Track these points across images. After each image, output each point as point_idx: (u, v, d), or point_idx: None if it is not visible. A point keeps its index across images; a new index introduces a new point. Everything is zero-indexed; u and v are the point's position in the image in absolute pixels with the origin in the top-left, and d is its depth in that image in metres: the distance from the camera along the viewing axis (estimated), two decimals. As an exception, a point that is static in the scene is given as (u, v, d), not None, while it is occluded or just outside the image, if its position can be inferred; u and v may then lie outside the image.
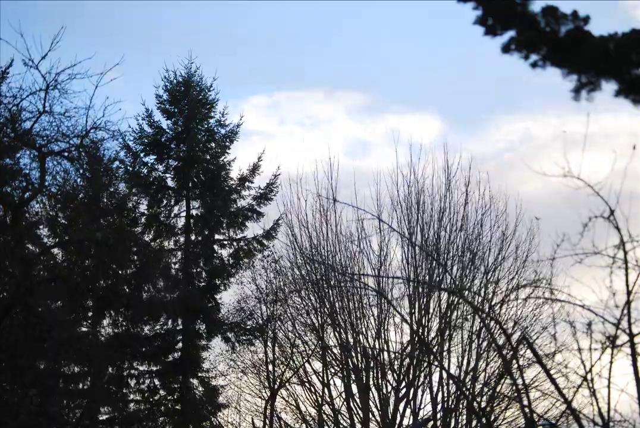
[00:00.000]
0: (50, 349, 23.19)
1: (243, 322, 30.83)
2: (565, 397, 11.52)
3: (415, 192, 26.25)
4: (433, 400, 24.80)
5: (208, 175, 32.10)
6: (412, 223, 25.99)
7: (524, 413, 12.52)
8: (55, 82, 24.36)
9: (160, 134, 32.49)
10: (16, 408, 22.51)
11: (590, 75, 7.14)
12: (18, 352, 22.30)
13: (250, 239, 31.74)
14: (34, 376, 23.26)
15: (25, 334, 22.68)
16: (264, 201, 32.27)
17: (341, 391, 26.47)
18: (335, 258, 26.74)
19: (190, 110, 32.50)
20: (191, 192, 32.22)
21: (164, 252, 31.16)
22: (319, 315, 26.87)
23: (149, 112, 32.48)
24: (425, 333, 25.51)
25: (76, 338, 25.51)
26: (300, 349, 27.85)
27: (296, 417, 28.05)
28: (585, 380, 11.10)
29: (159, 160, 32.39)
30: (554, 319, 11.64)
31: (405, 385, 25.59)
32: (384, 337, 25.89)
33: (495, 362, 24.59)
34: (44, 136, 25.06)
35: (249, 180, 32.37)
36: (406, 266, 25.80)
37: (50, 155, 25.38)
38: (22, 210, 25.16)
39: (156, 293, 29.70)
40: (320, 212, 27.12)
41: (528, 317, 24.89)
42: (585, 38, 7.20)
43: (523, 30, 7.13)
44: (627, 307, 10.70)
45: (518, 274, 25.63)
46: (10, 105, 24.39)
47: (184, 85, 32.84)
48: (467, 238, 25.95)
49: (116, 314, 28.94)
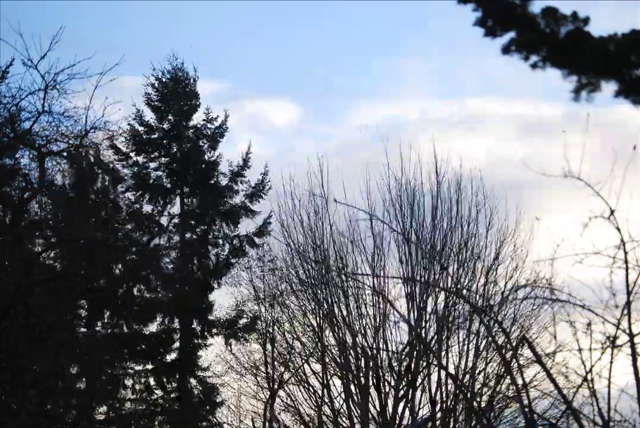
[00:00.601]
0: (50, 349, 23.19)
1: (239, 322, 30.88)
2: (565, 397, 11.54)
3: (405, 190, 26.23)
4: (432, 400, 24.79)
5: (199, 173, 32.17)
6: (405, 219, 25.96)
7: (524, 413, 12.52)
8: (55, 82, 24.42)
9: (150, 132, 32.58)
10: (16, 408, 22.53)
11: (590, 76, 7.16)
12: (18, 352, 22.31)
13: (243, 236, 31.84)
14: (34, 376, 23.27)
15: (25, 334, 22.69)
16: (256, 198, 32.36)
17: (340, 391, 26.48)
18: (331, 258, 26.71)
19: (179, 106, 32.60)
20: (184, 189, 32.27)
21: (158, 251, 31.21)
22: (317, 316, 26.86)
23: (139, 111, 32.59)
24: (424, 333, 25.51)
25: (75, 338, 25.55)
26: (298, 350, 27.85)
27: (295, 418, 28.06)
28: (585, 380, 11.12)
29: (150, 159, 32.45)
30: (554, 319, 11.65)
31: (404, 385, 25.59)
32: (383, 336, 25.88)
33: (495, 361, 24.61)
34: (43, 136, 25.12)
35: (240, 174, 32.49)
36: (402, 265, 25.78)
37: (50, 155, 25.42)
38: (22, 210, 25.19)
39: (151, 293, 29.77)
40: (314, 210, 27.05)
41: (528, 316, 24.89)
42: (585, 39, 7.21)
43: (523, 32, 7.14)
44: (627, 307, 10.71)
45: (518, 273, 25.63)
46: (10, 105, 24.44)
47: (172, 81, 32.94)
48: (462, 236, 25.93)
49: (112, 314, 28.98)
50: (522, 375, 14.36)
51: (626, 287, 10.66)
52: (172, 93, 32.68)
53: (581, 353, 11.05)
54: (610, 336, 10.76)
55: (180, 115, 32.59)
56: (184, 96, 32.76)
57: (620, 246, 10.44)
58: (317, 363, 27.28)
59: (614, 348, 10.81)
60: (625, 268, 10.55)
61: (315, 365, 27.47)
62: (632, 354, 10.65)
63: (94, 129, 25.42)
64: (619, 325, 10.73)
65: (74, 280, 26.34)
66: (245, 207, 32.33)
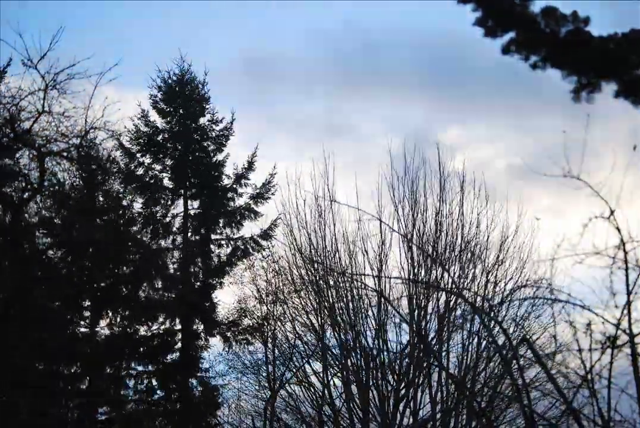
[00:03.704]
0: (50, 349, 23.21)
1: (241, 322, 30.86)
2: (565, 397, 11.53)
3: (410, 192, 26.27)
4: (433, 400, 24.78)
5: (204, 174, 32.14)
6: (408, 221, 25.98)
7: (524, 413, 12.52)
8: (54, 82, 24.43)
9: (156, 133, 32.53)
10: (16, 408, 22.53)
11: (590, 76, 7.15)
12: (18, 352, 22.32)
13: (248, 239, 31.78)
14: (34, 376, 23.28)
15: (25, 334, 22.70)
16: (261, 200, 32.30)
17: (341, 391, 26.47)
18: (334, 259, 26.72)
19: (185, 108, 32.56)
20: (188, 190, 32.25)
21: (162, 251, 31.19)
22: (319, 316, 26.86)
23: (145, 112, 32.52)
24: (425, 333, 25.51)
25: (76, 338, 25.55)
26: (300, 349, 27.87)
27: (296, 417, 28.07)
28: (585, 380, 11.11)
29: (156, 160, 32.40)
30: (554, 319, 11.64)
31: (405, 385, 25.59)
32: (384, 337, 25.89)
33: (495, 362, 24.59)
34: (43, 136, 25.12)
35: (245, 176, 32.43)
36: (405, 266, 25.79)
37: (50, 155, 25.41)
38: (21, 210, 25.18)
39: (154, 293, 29.73)
40: (319, 212, 27.08)
41: (528, 315, 24.89)
42: (585, 39, 7.20)
43: (523, 32, 7.13)
44: (627, 307, 10.71)
45: (518, 274, 25.64)
46: (10, 106, 24.45)
47: (178, 83, 32.89)
48: (464, 238, 25.94)
49: (114, 314, 28.96)
50: (523, 375, 14.34)
51: (626, 287, 10.65)
52: (178, 95, 32.62)
53: (581, 354, 11.05)
54: (610, 336, 10.75)
55: (185, 117, 32.51)
56: (191, 98, 32.68)
57: (620, 246, 10.43)
58: (318, 363, 27.32)
59: (614, 348, 10.80)
60: (625, 268, 10.54)
61: (316, 365, 27.51)
62: (632, 354, 10.64)
63: (94, 129, 25.43)
64: (619, 325, 10.72)
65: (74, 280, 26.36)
66: (249, 208, 32.27)
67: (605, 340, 10.80)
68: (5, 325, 22.98)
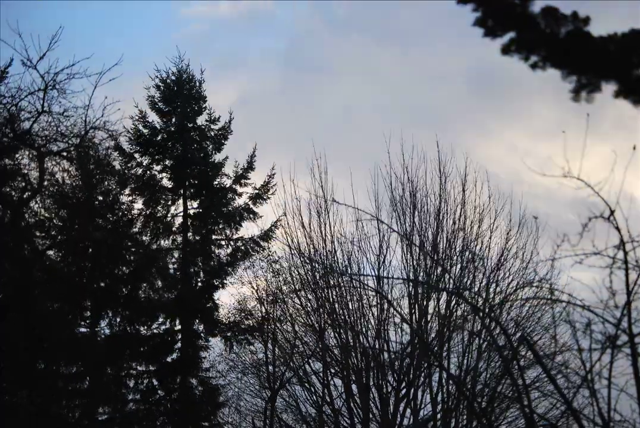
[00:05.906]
0: (50, 349, 23.21)
1: (242, 322, 30.85)
2: (565, 398, 11.53)
3: (409, 191, 26.24)
4: (433, 400, 24.78)
5: (203, 174, 32.10)
6: (408, 221, 25.96)
7: (524, 413, 12.52)
8: (54, 82, 24.44)
9: (155, 133, 32.48)
10: (16, 408, 22.54)
11: (590, 76, 7.14)
12: (18, 352, 22.32)
13: (248, 239, 31.74)
14: (34, 376, 23.28)
15: (25, 334, 22.70)
16: (260, 201, 32.25)
17: (341, 391, 26.47)
18: (333, 259, 26.71)
19: (183, 108, 32.51)
20: (188, 191, 32.22)
21: (161, 251, 31.17)
22: (319, 316, 26.85)
23: (143, 113, 32.47)
24: (425, 334, 25.50)
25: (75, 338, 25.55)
26: (300, 349, 27.86)
27: (296, 417, 28.07)
28: (586, 381, 11.10)
29: (155, 160, 32.36)
30: (554, 320, 11.63)
31: (405, 385, 25.59)
32: (384, 337, 25.87)
33: (496, 362, 24.58)
34: (43, 136, 25.12)
35: (245, 176, 32.39)
36: (406, 266, 25.79)
37: (50, 155, 25.41)
38: (21, 210, 25.18)
39: (154, 293, 29.73)
40: (318, 212, 27.07)
41: (529, 317, 24.87)
42: (585, 39, 7.19)
43: (523, 32, 7.12)
44: (627, 307, 10.70)
45: (519, 275, 25.61)
46: (9, 106, 24.46)
47: (176, 83, 32.84)
48: (465, 238, 25.92)
49: (114, 314, 28.96)
50: (523, 375, 14.34)
51: (626, 287, 10.64)
52: (176, 94, 32.57)
53: (581, 354, 11.04)
54: (610, 336, 10.74)
55: (184, 117, 32.47)
56: (189, 97, 32.63)
57: (620, 246, 10.42)
58: (318, 363, 27.31)
59: (614, 348, 10.79)
60: (625, 268, 10.53)
61: (316, 365, 27.49)
62: (632, 354, 10.63)
63: (94, 129, 25.43)
64: (619, 325, 10.71)
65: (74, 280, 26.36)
66: (248, 209, 32.22)
67: (605, 340, 10.79)
68: (5, 325, 22.98)
